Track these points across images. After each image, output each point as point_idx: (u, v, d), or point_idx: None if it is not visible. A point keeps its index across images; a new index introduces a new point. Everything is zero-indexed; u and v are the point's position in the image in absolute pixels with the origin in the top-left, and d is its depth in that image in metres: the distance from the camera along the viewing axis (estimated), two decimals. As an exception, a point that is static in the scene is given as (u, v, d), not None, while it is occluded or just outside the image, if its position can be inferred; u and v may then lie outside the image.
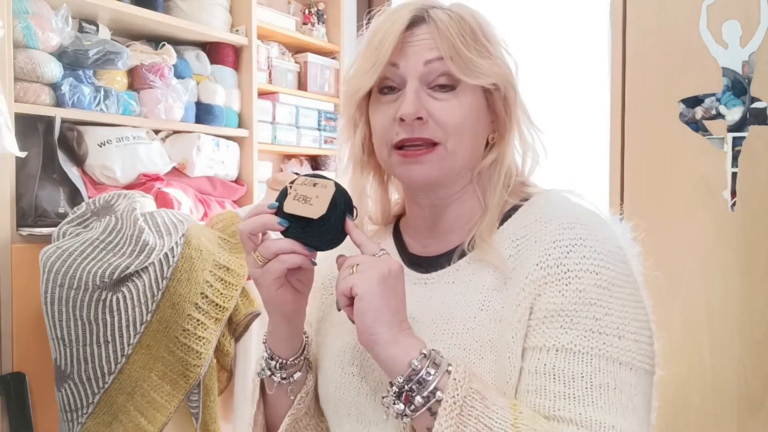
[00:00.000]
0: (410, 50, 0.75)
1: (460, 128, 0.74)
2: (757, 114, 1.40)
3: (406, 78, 0.75)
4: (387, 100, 0.77)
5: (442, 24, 0.74)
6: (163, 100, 1.85)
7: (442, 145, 0.74)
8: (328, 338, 0.85)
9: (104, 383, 1.38)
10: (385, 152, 0.77)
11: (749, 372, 1.42)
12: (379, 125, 0.77)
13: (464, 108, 0.75)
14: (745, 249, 1.42)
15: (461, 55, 0.74)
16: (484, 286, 0.74)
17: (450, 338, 0.72)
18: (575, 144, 1.96)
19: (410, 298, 0.73)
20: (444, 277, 0.79)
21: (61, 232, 1.44)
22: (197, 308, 1.47)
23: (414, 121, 0.73)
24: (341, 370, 0.79)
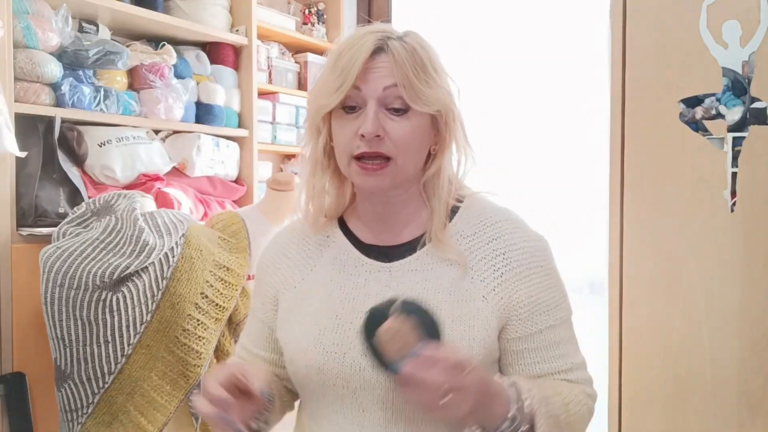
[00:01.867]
0: (371, 76, 0.88)
1: (409, 146, 0.89)
2: (757, 114, 1.40)
3: (367, 100, 0.88)
4: (349, 117, 0.90)
5: (398, 55, 0.88)
6: (163, 100, 1.85)
7: (393, 160, 0.88)
8: (302, 324, 0.94)
9: (104, 383, 1.38)
10: (345, 161, 0.90)
11: (749, 372, 1.42)
12: (342, 138, 0.90)
13: (413, 128, 0.90)
14: (745, 249, 1.42)
15: (413, 86, 0.88)
16: (446, 276, 0.92)
17: None
18: (575, 144, 1.96)
19: (376, 283, 0.93)
20: (405, 266, 0.94)
21: (61, 232, 1.44)
22: (197, 308, 1.47)
23: (373, 138, 0.87)
24: (323, 350, 0.90)
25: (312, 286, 0.97)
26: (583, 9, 1.93)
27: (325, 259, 0.98)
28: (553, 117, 2.00)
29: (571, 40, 1.96)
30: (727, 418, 1.44)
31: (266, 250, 1.06)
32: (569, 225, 1.95)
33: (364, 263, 0.95)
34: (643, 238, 1.54)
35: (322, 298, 0.95)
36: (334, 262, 0.97)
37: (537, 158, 2.01)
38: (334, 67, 0.89)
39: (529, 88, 2.01)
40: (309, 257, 1.00)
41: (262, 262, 1.05)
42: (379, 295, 0.90)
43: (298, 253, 1.01)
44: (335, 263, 0.97)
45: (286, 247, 1.03)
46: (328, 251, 0.99)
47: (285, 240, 1.04)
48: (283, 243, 1.04)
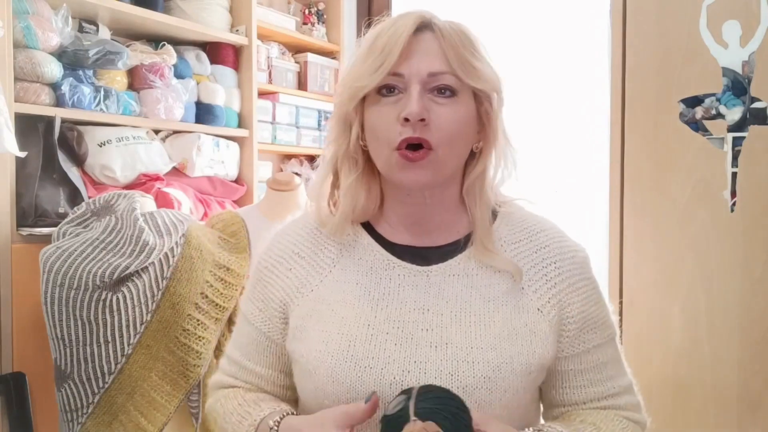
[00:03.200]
0: (415, 57, 0.79)
1: (454, 134, 0.80)
2: (757, 114, 1.40)
3: (410, 82, 0.78)
4: (387, 102, 0.80)
5: (446, 31, 0.81)
6: (163, 100, 1.85)
7: (435, 151, 0.79)
8: (325, 334, 0.81)
9: (104, 383, 1.38)
10: (385, 152, 0.80)
11: (749, 372, 1.42)
12: (380, 125, 0.80)
13: (461, 114, 0.80)
14: (745, 249, 1.42)
15: (464, 59, 0.80)
16: (495, 284, 0.83)
17: (484, 329, 0.80)
18: (575, 144, 1.96)
19: (412, 288, 0.82)
20: (446, 270, 0.84)
21: (61, 232, 1.44)
22: (197, 308, 1.47)
23: (417, 122, 0.77)
24: (355, 364, 0.78)
25: (333, 290, 0.84)
26: (583, 9, 1.93)
27: (347, 259, 0.86)
28: (553, 117, 2.00)
29: (571, 41, 1.95)
30: (727, 418, 1.44)
31: (268, 249, 0.91)
32: (569, 225, 1.95)
33: (396, 266, 0.84)
34: (643, 238, 1.54)
35: (347, 304, 0.82)
36: (359, 264, 0.85)
37: (537, 158, 2.01)
38: (371, 49, 0.80)
39: (528, 87, 2.01)
40: (327, 256, 0.87)
41: (265, 262, 0.90)
42: (417, 301, 0.81)
43: (312, 252, 0.88)
44: (361, 264, 0.85)
45: (297, 245, 0.89)
46: (351, 251, 0.87)
47: (293, 238, 0.90)
48: (291, 241, 0.90)
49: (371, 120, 0.81)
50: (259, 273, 0.91)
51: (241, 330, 0.93)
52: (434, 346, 0.78)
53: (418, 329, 0.80)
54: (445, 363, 0.77)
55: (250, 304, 0.91)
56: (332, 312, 0.82)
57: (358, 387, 0.77)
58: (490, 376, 0.77)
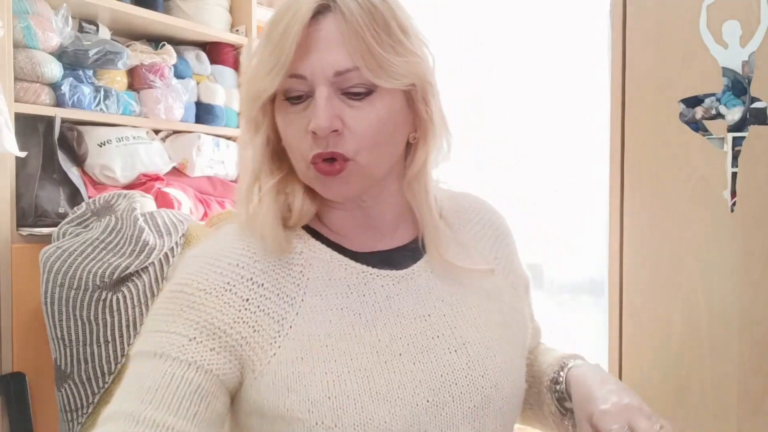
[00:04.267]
0: (315, 52, 0.64)
1: (377, 139, 0.67)
2: (757, 114, 1.39)
3: (314, 85, 0.65)
4: (295, 110, 0.67)
5: (351, 16, 0.64)
6: (163, 100, 1.85)
7: (353, 161, 0.66)
8: (329, 372, 0.65)
9: (104, 383, 1.38)
10: (302, 165, 0.69)
11: (749, 372, 1.42)
12: (290, 136, 0.68)
13: (382, 114, 0.67)
14: (745, 249, 1.42)
15: (376, 58, 0.64)
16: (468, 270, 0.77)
17: (484, 321, 0.75)
18: (575, 143, 1.96)
19: (402, 296, 0.72)
20: (428, 267, 0.75)
21: (61, 232, 1.44)
22: (197, 308, 1.47)
23: (329, 134, 0.65)
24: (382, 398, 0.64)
25: (315, 323, 0.68)
26: (583, 9, 1.93)
27: (316, 282, 0.71)
28: (553, 117, 1.99)
29: (571, 40, 1.95)
30: (727, 418, 1.44)
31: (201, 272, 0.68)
32: (569, 225, 1.95)
33: (374, 276, 0.72)
34: (643, 238, 1.54)
35: (342, 335, 0.68)
36: (332, 284, 0.71)
37: (536, 158, 2.01)
38: (269, 39, 0.65)
39: (528, 87, 2.01)
40: (291, 282, 0.70)
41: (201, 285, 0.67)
42: (415, 309, 0.72)
43: (274, 279, 0.70)
44: (334, 284, 0.71)
45: (249, 270, 0.69)
46: (311, 270, 0.71)
47: (240, 260, 0.69)
48: (239, 264, 0.69)
49: (282, 128, 0.69)
50: (186, 298, 0.67)
51: (143, 374, 0.63)
52: (453, 350, 0.70)
53: (429, 338, 0.70)
54: (471, 364, 0.70)
55: (169, 336, 0.65)
56: (328, 348, 0.66)
57: (393, 426, 0.64)
58: (508, 367, 0.73)
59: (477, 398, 0.69)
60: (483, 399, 0.69)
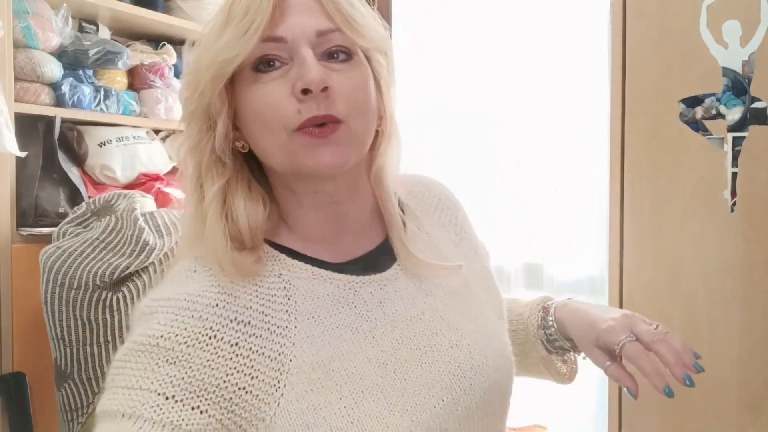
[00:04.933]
0: (294, 18, 0.62)
1: (362, 103, 0.64)
2: (757, 114, 1.39)
3: (297, 46, 0.61)
4: (270, 78, 0.62)
5: None
6: (163, 100, 1.85)
7: (345, 124, 0.62)
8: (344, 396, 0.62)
9: (104, 383, 1.38)
10: (282, 138, 0.61)
11: (749, 372, 1.42)
12: (268, 107, 0.61)
13: (363, 80, 0.65)
14: (745, 249, 1.42)
15: (351, 19, 0.63)
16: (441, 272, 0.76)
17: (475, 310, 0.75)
18: (575, 144, 1.96)
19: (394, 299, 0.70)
20: (409, 267, 0.72)
21: (61, 232, 1.44)
22: (197, 308, 1.47)
23: (320, 92, 0.60)
24: (401, 407, 0.63)
25: (315, 349, 0.63)
26: (583, 9, 1.93)
27: (303, 304, 0.66)
28: (553, 117, 1.99)
29: (571, 40, 1.95)
30: (727, 418, 1.44)
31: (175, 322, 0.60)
32: (569, 225, 1.95)
33: (358, 284, 0.69)
34: (643, 237, 1.54)
35: (344, 355, 0.64)
36: (320, 304, 0.66)
37: (537, 157, 2.01)
38: (229, 16, 0.62)
39: (528, 87, 2.01)
40: (278, 312, 0.64)
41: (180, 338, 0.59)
42: (408, 310, 0.70)
43: (259, 314, 0.63)
44: (323, 304, 0.66)
45: (231, 310, 0.62)
46: (296, 292, 0.66)
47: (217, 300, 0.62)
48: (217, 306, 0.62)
49: (252, 104, 0.63)
50: (162, 352, 0.58)
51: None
52: (453, 345, 0.70)
53: (428, 337, 0.69)
54: (473, 354, 0.70)
55: (139, 394, 0.56)
56: (335, 372, 0.63)
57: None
58: (502, 347, 0.74)
59: (485, 385, 0.70)
60: (490, 384, 0.70)
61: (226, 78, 0.62)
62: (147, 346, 0.59)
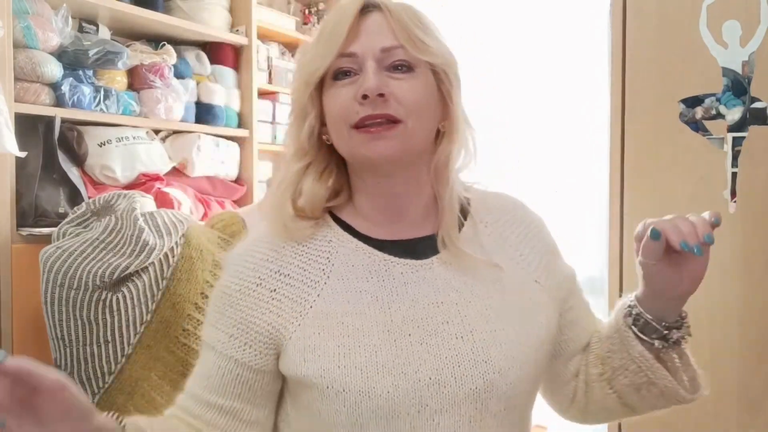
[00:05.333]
0: (365, 37, 0.77)
1: (419, 107, 0.76)
2: (757, 114, 1.40)
3: (364, 60, 0.76)
4: (343, 84, 0.77)
5: (393, 9, 0.78)
6: (163, 100, 1.85)
7: (404, 123, 0.75)
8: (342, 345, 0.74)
9: (104, 383, 1.38)
10: (344, 133, 0.76)
11: (749, 372, 1.42)
12: (337, 107, 0.76)
13: (421, 88, 0.77)
14: (745, 249, 1.42)
15: (414, 36, 0.77)
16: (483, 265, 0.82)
17: (495, 312, 0.79)
18: (575, 144, 1.96)
19: (417, 284, 0.79)
20: (446, 260, 0.81)
21: (61, 232, 1.44)
22: (197, 308, 1.47)
23: (376, 97, 0.74)
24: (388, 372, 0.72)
25: (335, 303, 0.77)
26: (583, 9, 1.93)
27: (340, 267, 0.79)
28: (553, 117, 2.00)
29: (571, 41, 1.96)
30: (727, 418, 1.44)
31: (235, 273, 0.80)
32: (569, 224, 1.95)
33: (395, 264, 0.80)
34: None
35: (357, 314, 0.76)
36: (354, 270, 0.79)
37: (537, 158, 2.01)
38: (320, 35, 0.79)
39: (528, 87, 2.01)
40: (316, 269, 0.80)
41: (236, 286, 0.79)
42: (429, 296, 0.78)
43: (299, 268, 0.79)
44: (356, 270, 0.79)
45: (275, 263, 0.79)
46: (337, 257, 0.80)
47: (267, 256, 0.80)
48: (266, 260, 0.80)
49: (329, 105, 0.78)
50: (227, 298, 0.79)
51: (204, 361, 0.82)
52: (459, 336, 0.76)
53: (439, 323, 0.76)
54: (476, 350, 0.75)
55: (217, 332, 0.80)
56: (343, 325, 0.75)
57: (396, 396, 0.71)
58: (516, 355, 0.77)
59: (479, 382, 0.73)
60: (485, 383, 0.73)
61: (313, 85, 0.78)
62: (220, 293, 0.81)
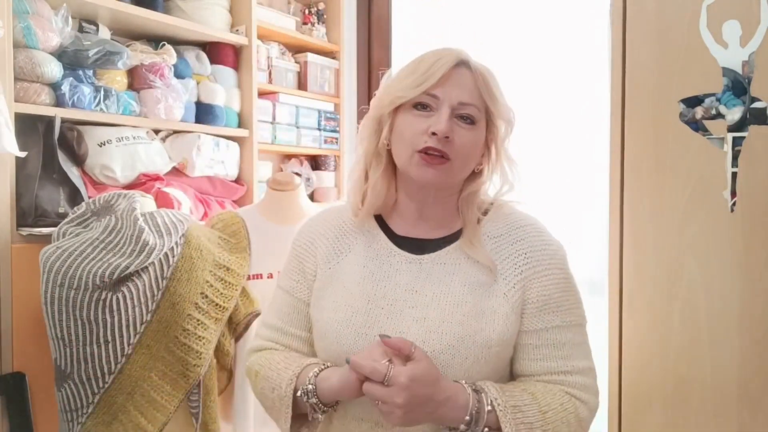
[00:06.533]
0: (451, 85, 0.97)
1: (468, 153, 0.99)
2: (757, 114, 1.40)
3: (442, 104, 0.96)
4: (420, 115, 0.97)
5: (478, 71, 0.99)
6: (163, 100, 1.85)
7: (452, 162, 0.96)
8: (336, 303, 1.02)
9: (104, 383, 1.38)
10: (408, 153, 0.97)
11: (749, 372, 1.42)
12: (408, 132, 0.97)
13: (476, 140, 0.99)
14: (745, 249, 1.42)
15: (493, 95, 1.00)
16: (473, 272, 0.99)
17: (455, 307, 0.97)
18: (575, 144, 1.96)
19: (407, 273, 1.01)
20: (436, 258, 1.01)
21: (61, 232, 1.44)
22: (197, 308, 1.47)
23: (443, 138, 0.95)
24: (355, 330, 0.98)
25: (346, 269, 1.04)
26: (583, 9, 1.93)
27: (360, 245, 1.06)
28: (553, 117, 2.00)
29: (571, 41, 1.96)
30: (727, 418, 1.44)
31: (303, 230, 1.13)
32: (569, 225, 1.95)
33: (396, 253, 1.03)
34: (643, 238, 1.54)
35: (355, 281, 1.02)
36: (368, 250, 1.05)
37: (537, 158, 2.01)
38: (415, 69, 0.98)
39: (528, 87, 2.01)
40: (346, 242, 1.07)
41: (299, 241, 1.11)
42: (409, 284, 1.00)
43: (335, 236, 1.08)
44: (370, 251, 1.04)
45: (325, 228, 1.10)
46: (364, 239, 1.06)
47: (323, 222, 1.11)
48: (321, 225, 1.11)
49: (402, 125, 0.99)
50: (294, 250, 1.12)
51: (280, 301, 1.11)
52: (415, 320, 0.97)
53: (407, 306, 0.98)
54: (420, 333, 0.95)
55: (287, 279, 1.11)
56: (343, 287, 1.03)
57: (354, 348, 0.96)
58: (454, 344, 0.94)
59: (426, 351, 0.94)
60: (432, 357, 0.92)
61: (395, 105, 0.99)
62: (294, 246, 1.13)
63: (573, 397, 0.97)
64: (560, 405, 0.95)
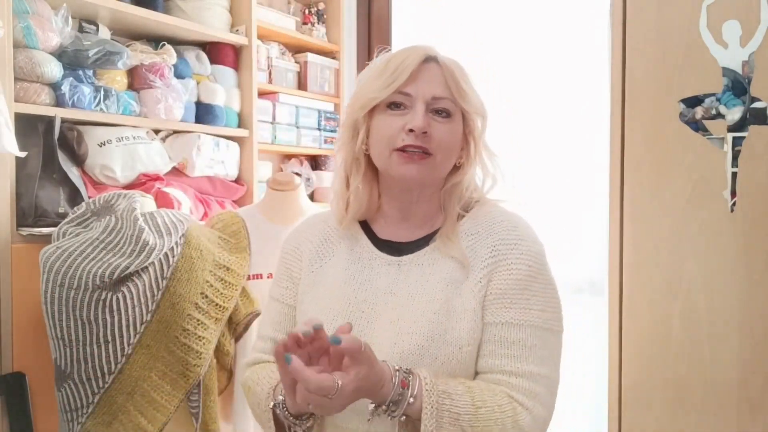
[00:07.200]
0: (421, 81, 0.97)
1: (448, 146, 0.98)
2: (757, 114, 1.40)
3: (416, 101, 0.96)
4: (393, 114, 0.97)
5: (447, 65, 0.99)
6: (163, 100, 1.85)
7: (434, 156, 0.96)
8: (317, 306, 1.03)
9: (104, 383, 1.38)
10: (386, 154, 0.97)
11: (749, 372, 1.42)
12: (385, 132, 0.97)
13: (453, 132, 0.99)
14: (745, 249, 1.42)
15: (461, 87, 0.98)
16: (448, 270, 0.98)
17: (426, 305, 0.96)
18: (575, 144, 1.96)
19: (386, 275, 1.01)
20: (414, 260, 1.01)
21: (61, 232, 1.44)
22: (197, 308, 1.46)
23: (421, 133, 0.94)
24: None
25: (329, 272, 1.05)
26: (583, 9, 1.93)
27: (344, 249, 1.06)
28: (553, 117, 2.00)
29: (571, 40, 1.96)
30: (727, 418, 1.44)
31: (289, 237, 1.14)
32: (569, 225, 1.95)
33: (377, 256, 1.03)
34: (643, 238, 1.54)
35: (336, 285, 1.02)
36: (350, 253, 1.05)
37: (537, 158, 2.01)
38: (384, 69, 0.98)
39: (528, 87, 2.01)
40: (330, 246, 1.08)
41: (287, 247, 1.12)
42: (388, 286, 1.00)
43: (320, 241, 1.09)
44: (351, 254, 1.05)
45: (310, 233, 1.11)
46: (347, 242, 1.07)
47: (309, 228, 1.12)
48: (306, 230, 1.12)
49: (378, 127, 0.98)
50: (282, 257, 1.13)
51: (273, 310, 1.11)
52: (390, 321, 0.97)
53: (385, 309, 0.98)
54: (392, 335, 0.95)
55: (278, 287, 1.11)
56: (325, 290, 1.03)
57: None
58: (424, 344, 0.93)
59: (396, 360, 0.92)
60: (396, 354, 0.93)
61: (368, 108, 0.99)
62: (282, 253, 1.13)
63: (514, 401, 0.91)
64: (497, 405, 0.89)
